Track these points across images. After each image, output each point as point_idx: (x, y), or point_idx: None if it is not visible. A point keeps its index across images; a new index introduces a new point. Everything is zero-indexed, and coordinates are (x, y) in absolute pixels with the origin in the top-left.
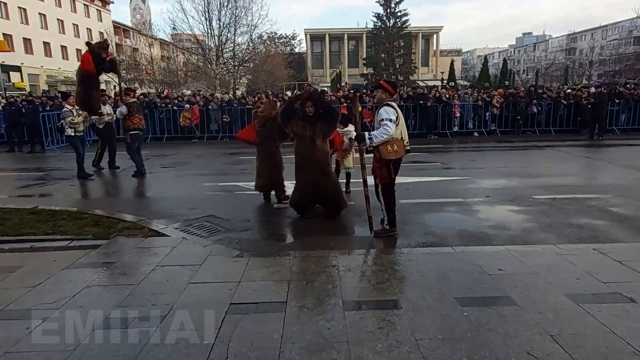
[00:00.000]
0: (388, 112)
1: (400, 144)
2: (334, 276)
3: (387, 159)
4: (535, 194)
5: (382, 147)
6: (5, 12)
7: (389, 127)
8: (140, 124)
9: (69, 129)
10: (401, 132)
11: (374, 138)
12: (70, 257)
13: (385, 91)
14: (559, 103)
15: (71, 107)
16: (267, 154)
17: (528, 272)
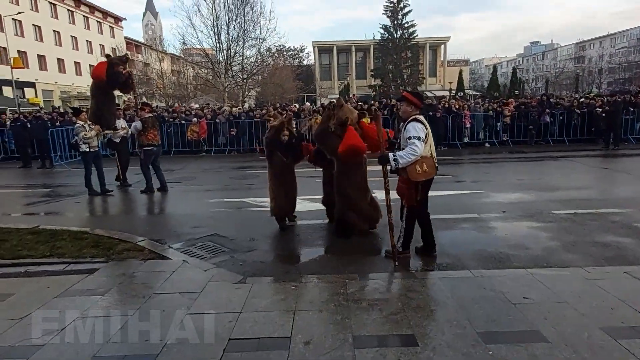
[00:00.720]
0: (417, 129)
1: (430, 163)
2: (342, 305)
3: (416, 180)
4: (555, 209)
5: (410, 167)
6: (21, 30)
7: (417, 147)
8: (155, 139)
9: (82, 144)
10: (430, 149)
11: (399, 159)
12: (65, 284)
13: (410, 103)
14: (572, 112)
15: (83, 123)
16: (278, 170)
17: (556, 301)
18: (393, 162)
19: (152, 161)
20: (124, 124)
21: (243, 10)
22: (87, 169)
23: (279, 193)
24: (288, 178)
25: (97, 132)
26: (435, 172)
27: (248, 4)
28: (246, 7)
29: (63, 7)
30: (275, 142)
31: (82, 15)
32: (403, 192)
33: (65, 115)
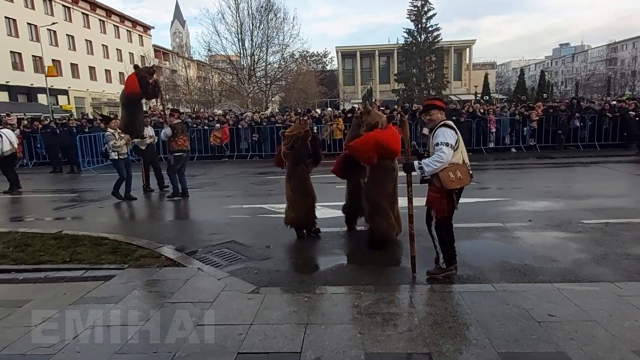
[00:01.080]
0: (446, 135)
1: (463, 170)
2: (356, 319)
3: (450, 188)
4: (585, 218)
5: (443, 175)
6: (55, 40)
7: (444, 153)
8: (184, 145)
9: (112, 152)
10: (462, 156)
11: (425, 167)
12: (81, 290)
13: (440, 109)
14: (603, 116)
15: (113, 131)
16: (300, 181)
17: (585, 320)
18: (418, 170)
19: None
20: (151, 132)
21: (267, 17)
22: (121, 175)
23: (300, 204)
24: (308, 187)
25: (127, 141)
26: (470, 180)
27: (272, 11)
28: (270, 14)
29: (95, 17)
30: (304, 152)
31: (112, 25)
32: (433, 202)
33: (94, 121)
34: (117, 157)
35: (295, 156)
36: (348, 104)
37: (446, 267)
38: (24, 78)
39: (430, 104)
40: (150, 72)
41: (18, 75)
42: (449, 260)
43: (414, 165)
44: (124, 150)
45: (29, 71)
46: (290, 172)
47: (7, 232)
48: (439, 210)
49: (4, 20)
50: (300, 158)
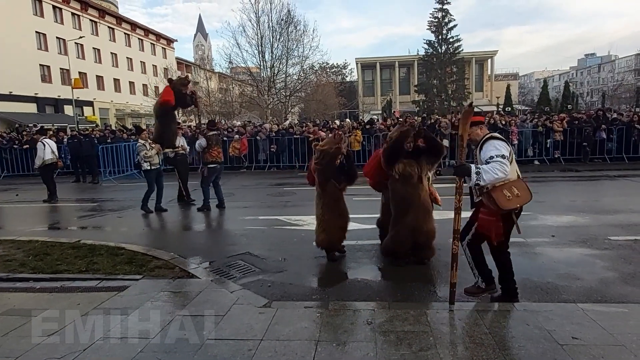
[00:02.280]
0: (498, 147)
1: (522, 185)
2: (369, 337)
3: (507, 208)
4: (612, 234)
5: (497, 194)
6: (82, 53)
7: (506, 165)
8: (218, 157)
9: (144, 163)
10: (517, 171)
11: (483, 173)
12: (95, 301)
13: (481, 124)
14: (632, 127)
15: (144, 142)
16: (332, 198)
17: (612, 344)
18: (475, 175)
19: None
20: (184, 142)
21: (287, 29)
22: (150, 186)
23: (332, 224)
24: (341, 206)
25: (158, 151)
26: (531, 196)
27: (292, 24)
28: (290, 27)
29: (120, 30)
30: (331, 169)
31: (137, 38)
32: (489, 227)
33: (116, 132)
34: (150, 168)
35: (324, 172)
36: (367, 115)
37: (486, 287)
38: (52, 90)
39: (476, 122)
40: (185, 84)
41: (46, 87)
42: (487, 279)
43: (470, 169)
44: (155, 160)
45: (56, 83)
46: (320, 188)
47: (28, 241)
48: (497, 234)
49: (35, 34)
50: (329, 175)
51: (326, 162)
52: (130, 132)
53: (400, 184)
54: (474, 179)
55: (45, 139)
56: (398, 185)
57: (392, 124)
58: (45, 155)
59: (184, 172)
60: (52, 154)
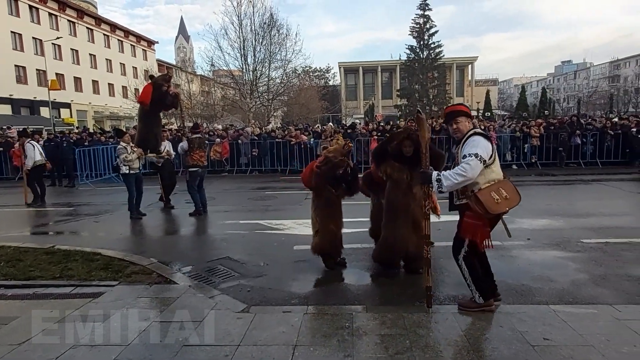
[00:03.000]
0: (478, 145)
1: (509, 187)
2: (346, 341)
3: (496, 212)
4: (584, 237)
5: (485, 197)
6: (59, 54)
7: (469, 166)
8: (200, 160)
9: (123, 166)
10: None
11: (443, 180)
12: (69, 308)
13: (468, 118)
14: (605, 133)
15: (125, 145)
16: (325, 202)
17: (581, 344)
18: (435, 184)
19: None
20: (169, 146)
21: (270, 33)
22: (130, 191)
23: (326, 227)
24: (335, 211)
25: (139, 155)
26: (519, 199)
27: (275, 27)
28: (272, 30)
29: (99, 31)
30: (330, 177)
31: (116, 40)
32: (472, 231)
33: (94, 135)
34: (128, 172)
35: (320, 179)
36: (350, 119)
37: (484, 302)
38: (28, 91)
39: (456, 110)
40: (167, 80)
41: (21, 88)
42: (485, 292)
43: (431, 177)
44: (135, 164)
45: (32, 84)
46: (315, 192)
47: (0, 247)
48: (481, 237)
49: (10, 34)
50: (324, 182)
51: (325, 170)
52: (109, 134)
53: (390, 189)
54: (435, 187)
55: (31, 141)
56: (388, 189)
57: (374, 127)
58: (36, 156)
59: (167, 178)
60: (40, 155)
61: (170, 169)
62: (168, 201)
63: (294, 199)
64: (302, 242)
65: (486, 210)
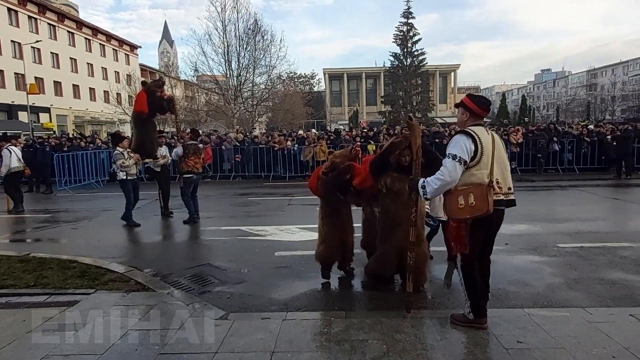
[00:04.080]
0: (456, 145)
1: (479, 192)
2: (324, 347)
3: (456, 217)
4: (560, 242)
5: (450, 200)
6: (39, 58)
7: (445, 169)
8: (195, 167)
9: (120, 172)
10: (490, 174)
11: (427, 186)
12: (42, 317)
13: (466, 109)
14: (582, 140)
15: (122, 150)
16: (332, 209)
17: (553, 347)
18: (421, 191)
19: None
20: (165, 152)
21: (254, 39)
22: (128, 198)
23: (331, 236)
24: (344, 216)
25: (136, 161)
26: (489, 208)
27: (259, 33)
28: (257, 36)
29: (81, 35)
30: (336, 183)
31: (98, 43)
32: (451, 234)
33: (74, 140)
34: (126, 178)
35: (327, 185)
36: (334, 125)
37: (474, 319)
38: (5, 95)
39: (460, 102)
40: (160, 85)
41: None
42: (477, 309)
43: (417, 183)
44: (132, 170)
45: (10, 88)
46: (322, 199)
47: None
48: (458, 243)
49: None
50: (331, 188)
51: (332, 176)
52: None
53: (390, 200)
54: (421, 194)
55: (10, 146)
56: (387, 202)
57: (358, 134)
58: (12, 162)
59: (165, 184)
60: (18, 162)
61: (166, 175)
62: (166, 208)
63: (277, 205)
64: (284, 248)
65: (448, 214)
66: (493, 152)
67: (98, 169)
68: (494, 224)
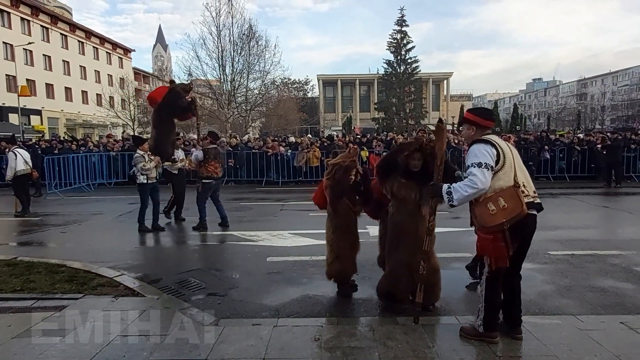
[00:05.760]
0: (478, 153)
1: (509, 194)
2: (315, 353)
3: (491, 225)
4: (552, 249)
5: (479, 209)
6: (31, 59)
7: (476, 177)
8: (215, 172)
9: (141, 175)
10: (515, 177)
11: (454, 193)
12: (28, 322)
13: (471, 124)
14: (572, 149)
15: (143, 153)
16: (344, 221)
17: (545, 354)
18: (446, 197)
19: (212, 194)
20: (182, 155)
21: (248, 44)
22: (143, 202)
23: (345, 250)
24: (353, 229)
25: (157, 163)
26: (524, 208)
27: (253, 39)
28: (251, 41)
29: (74, 38)
30: (345, 185)
31: (92, 46)
32: (485, 247)
33: (65, 143)
34: (146, 181)
35: (335, 189)
36: (328, 131)
37: (484, 332)
38: None
39: (460, 119)
40: (187, 90)
41: None
42: (489, 323)
43: (440, 189)
44: (152, 174)
45: (1, 90)
46: (332, 208)
47: None
48: (495, 255)
49: None
50: (341, 191)
51: (339, 177)
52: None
53: (395, 209)
54: (445, 200)
55: (16, 149)
56: (392, 210)
57: (351, 140)
58: (17, 165)
59: (179, 187)
60: (24, 164)
61: (181, 179)
62: (179, 213)
63: (269, 210)
64: (276, 253)
65: (482, 224)
66: (512, 155)
67: (89, 173)
68: (528, 231)
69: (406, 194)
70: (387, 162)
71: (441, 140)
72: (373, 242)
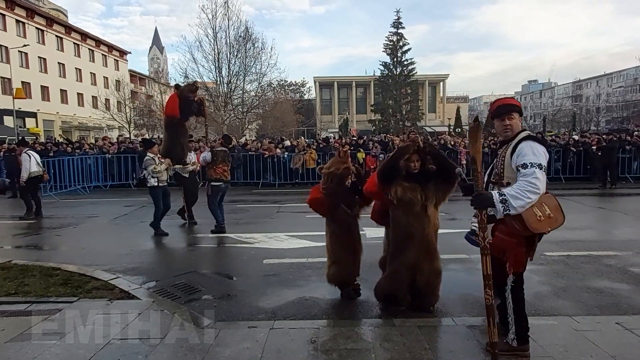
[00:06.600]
0: (537, 153)
1: (554, 205)
2: (311, 357)
3: (537, 231)
4: (548, 251)
5: (527, 213)
6: (26, 62)
7: (538, 180)
8: (223, 175)
9: (151, 179)
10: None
11: (511, 200)
12: (22, 326)
13: (521, 115)
14: (567, 150)
15: (154, 156)
16: (341, 226)
17: (541, 355)
18: (500, 206)
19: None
20: (194, 158)
21: (245, 46)
22: (157, 205)
23: (344, 255)
24: (354, 233)
25: (167, 166)
26: (564, 219)
27: (250, 41)
28: (248, 44)
29: (69, 40)
30: (341, 193)
31: (87, 49)
32: (508, 250)
33: (60, 145)
34: (157, 184)
35: (332, 197)
36: (324, 133)
37: (517, 347)
38: None
39: (510, 104)
40: (193, 90)
41: None
42: (522, 336)
43: (491, 198)
44: (163, 176)
45: None
46: (329, 216)
47: None
48: (516, 262)
49: None
50: (338, 199)
51: (335, 186)
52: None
53: (401, 212)
54: (500, 210)
55: (29, 150)
56: (398, 214)
57: (347, 142)
58: (31, 167)
59: (191, 189)
60: (37, 166)
61: (194, 182)
62: (191, 217)
63: (266, 213)
64: (272, 255)
65: (525, 226)
66: None
67: (84, 175)
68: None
69: (412, 197)
70: (388, 168)
71: (478, 141)
72: (369, 244)
